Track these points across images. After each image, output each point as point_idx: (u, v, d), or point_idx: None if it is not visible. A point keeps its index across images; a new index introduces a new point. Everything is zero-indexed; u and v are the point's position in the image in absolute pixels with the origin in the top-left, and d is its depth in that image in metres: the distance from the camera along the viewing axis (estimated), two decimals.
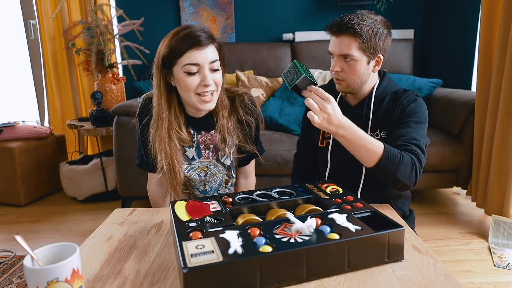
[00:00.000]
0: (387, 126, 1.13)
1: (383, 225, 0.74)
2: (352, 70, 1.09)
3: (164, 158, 1.10)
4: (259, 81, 2.67)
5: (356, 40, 1.06)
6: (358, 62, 1.08)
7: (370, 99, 1.16)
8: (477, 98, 2.06)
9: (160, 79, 1.07)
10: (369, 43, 1.06)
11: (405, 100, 1.12)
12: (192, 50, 1.01)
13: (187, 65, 1.01)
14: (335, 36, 1.09)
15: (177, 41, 1.01)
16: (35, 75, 3.07)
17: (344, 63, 1.09)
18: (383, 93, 1.15)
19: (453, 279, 0.67)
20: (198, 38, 1.01)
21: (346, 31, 1.06)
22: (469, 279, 1.55)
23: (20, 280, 1.63)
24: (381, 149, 0.95)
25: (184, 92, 1.06)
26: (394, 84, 1.18)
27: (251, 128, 1.21)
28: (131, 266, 0.74)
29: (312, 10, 3.02)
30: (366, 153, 0.95)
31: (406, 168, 0.96)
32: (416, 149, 1.01)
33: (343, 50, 1.07)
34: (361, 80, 1.12)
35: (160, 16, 3.00)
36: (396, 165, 0.95)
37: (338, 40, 1.08)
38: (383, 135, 1.14)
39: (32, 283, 0.56)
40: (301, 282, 0.66)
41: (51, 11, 2.80)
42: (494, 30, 2.00)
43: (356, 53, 1.07)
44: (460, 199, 2.46)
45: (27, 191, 2.53)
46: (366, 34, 1.05)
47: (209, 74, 1.04)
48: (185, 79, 1.03)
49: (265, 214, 0.85)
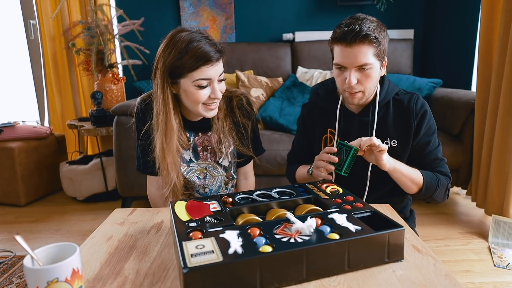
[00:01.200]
0: (400, 136, 1.13)
1: (383, 225, 0.74)
2: (370, 78, 1.05)
3: (169, 166, 1.09)
4: (259, 81, 2.67)
5: (373, 47, 1.02)
6: (373, 69, 1.04)
7: (374, 106, 1.13)
8: (477, 98, 2.06)
9: (167, 90, 1.04)
10: (381, 47, 1.04)
11: (417, 108, 1.11)
12: (205, 66, 1.00)
13: (199, 80, 1.01)
14: (348, 47, 1.01)
15: (188, 57, 0.99)
16: (35, 75, 3.07)
17: (360, 73, 1.04)
18: (386, 98, 1.14)
19: (453, 279, 0.67)
20: (210, 54, 1.00)
21: (364, 39, 1.00)
22: (469, 279, 1.55)
23: (20, 280, 1.63)
24: (421, 181, 1.08)
25: (191, 103, 1.06)
26: (393, 85, 1.17)
27: (247, 131, 1.20)
28: (131, 266, 0.74)
29: (312, 10, 3.02)
30: (411, 184, 1.08)
31: (442, 191, 1.11)
32: (447, 169, 1.15)
33: (361, 60, 1.01)
34: (375, 87, 1.10)
35: (160, 16, 3.00)
36: (433, 191, 1.09)
37: (353, 51, 1.01)
38: (393, 144, 1.13)
39: (32, 283, 0.56)
40: (301, 282, 0.66)
41: (51, 11, 2.80)
42: (494, 30, 2.00)
43: (372, 60, 1.03)
44: (460, 199, 2.46)
45: (27, 191, 2.53)
46: (379, 39, 1.02)
47: (218, 87, 1.04)
48: (195, 92, 1.02)
49: (265, 214, 0.85)
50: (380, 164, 1.01)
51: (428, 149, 1.13)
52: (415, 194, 1.11)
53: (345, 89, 1.08)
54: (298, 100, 2.53)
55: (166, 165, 1.09)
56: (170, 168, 1.09)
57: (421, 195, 1.10)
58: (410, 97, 1.13)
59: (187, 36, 1.01)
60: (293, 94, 2.58)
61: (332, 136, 1.19)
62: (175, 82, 1.05)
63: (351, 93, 1.08)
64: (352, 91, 1.07)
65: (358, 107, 1.16)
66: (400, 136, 1.13)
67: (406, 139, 1.13)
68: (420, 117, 1.11)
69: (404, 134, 1.13)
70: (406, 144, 1.13)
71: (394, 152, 1.10)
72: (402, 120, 1.13)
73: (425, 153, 1.13)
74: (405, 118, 1.12)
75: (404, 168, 1.06)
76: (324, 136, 1.21)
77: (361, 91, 1.07)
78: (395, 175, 1.06)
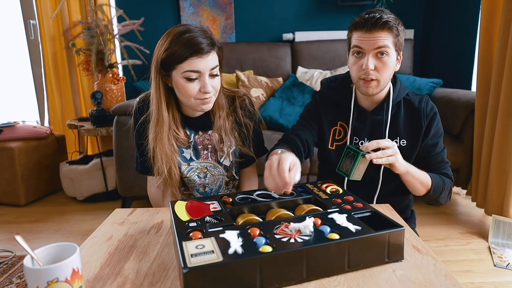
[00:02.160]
0: (409, 136, 1.14)
1: (383, 225, 0.74)
2: (386, 66, 1.05)
3: (165, 162, 1.09)
4: (259, 81, 2.67)
5: (392, 35, 1.03)
6: (391, 58, 1.05)
7: (388, 104, 1.13)
8: (477, 98, 2.06)
9: (159, 82, 1.05)
10: (399, 39, 1.06)
11: (427, 109, 1.13)
12: (193, 57, 0.99)
13: (188, 71, 1.00)
14: (368, 32, 1.02)
15: (178, 46, 0.98)
16: (35, 75, 3.07)
17: (377, 60, 1.04)
18: (398, 97, 1.15)
19: (453, 279, 0.67)
20: (200, 45, 0.98)
21: (383, 26, 1.01)
22: (469, 279, 1.55)
23: (20, 280, 1.63)
24: (429, 182, 1.08)
25: (183, 96, 1.05)
26: (404, 86, 1.18)
27: (249, 130, 1.20)
28: (131, 266, 0.74)
29: (312, 10, 3.02)
30: (420, 186, 1.08)
31: (446, 193, 1.13)
32: (450, 171, 1.16)
33: (381, 44, 1.02)
34: (389, 78, 1.09)
35: (160, 16, 3.00)
36: (439, 193, 1.11)
37: (373, 36, 1.02)
38: (402, 143, 1.14)
39: (32, 283, 0.56)
40: (301, 282, 0.66)
41: (51, 11, 2.80)
42: (494, 30, 2.00)
43: (391, 47, 1.04)
44: (460, 199, 2.46)
45: (27, 191, 2.53)
46: (398, 29, 1.04)
47: (209, 81, 1.03)
48: (185, 85, 1.02)
49: (265, 214, 0.85)
50: (395, 167, 1.01)
51: (435, 151, 1.14)
52: (421, 196, 1.12)
53: (361, 76, 1.06)
54: (298, 100, 2.53)
55: (157, 155, 1.09)
56: (161, 158, 1.09)
57: (427, 197, 1.11)
58: (421, 98, 1.15)
59: (183, 28, 1.01)
60: (293, 94, 2.58)
61: (342, 129, 1.19)
62: (168, 74, 1.05)
63: (366, 81, 1.06)
64: (368, 77, 1.05)
65: (372, 104, 1.16)
66: (409, 136, 1.14)
67: (415, 139, 1.14)
68: (430, 119, 1.13)
69: (414, 134, 1.13)
70: (415, 144, 1.14)
71: (403, 152, 1.09)
72: (413, 120, 1.14)
73: (432, 155, 1.14)
74: (415, 118, 1.13)
75: (415, 170, 1.06)
76: (333, 128, 1.20)
77: (377, 79, 1.05)
78: (407, 177, 1.06)
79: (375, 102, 1.15)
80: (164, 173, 1.10)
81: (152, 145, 1.10)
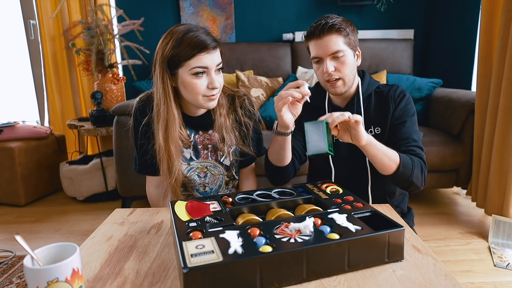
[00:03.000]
0: (381, 122, 1.18)
1: (383, 225, 0.74)
2: (345, 64, 1.12)
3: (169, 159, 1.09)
4: (259, 81, 2.67)
5: (341, 36, 1.10)
6: (348, 56, 1.12)
7: (358, 97, 1.20)
8: (477, 98, 2.06)
9: (167, 80, 1.05)
10: (351, 37, 1.13)
11: (395, 94, 1.18)
12: (202, 53, 1.01)
13: (196, 67, 1.01)
14: (319, 39, 1.11)
15: (185, 43, 1.00)
16: (35, 75, 3.07)
17: (335, 61, 1.12)
18: (368, 90, 1.21)
19: (453, 279, 0.67)
20: (207, 42, 1.01)
21: (330, 30, 1.09)
22: (469, 279, 1.55)
23: (20, 280, 1.63)
24: (397, 158, 1.04)
25: (190, 94, 1.06)
26: (374, 80, 1.24)
27: (248, 130, 1.21)
28: (131, 266, 0.74)
29: (312, 10, 3.02)
30: (388, 161, 1.04)
31: (418, 170, 1.07)
32: (420, 152, 1.11)
33: (333, 48, 1.10)
34: (353, 74, 1.16)
35: (160, 16, 3.00)
36: (411, 171, 1.05)
37: (324, 42, 1.10)
38: (377, 131, 1.18)
39: (32, 283, 0.56)
40: (301, 282, 0.66)
41: (51, 11, 2.80)
42: (494, 30, 2.00)
43: (344, 47, 1.11)
44: (460, 199, 2.46)
45: (27, 191, 2.53)
46: (347, 29, 1.11)
47: (216, 77, 1.04)
48: (193, 81, 1.03)
49: (265, 214, 0.85)
50: (358, 137, 0.98)
51: (403, 129, 1.15)
52: (393, 174, 1.06)
53: (325, 79, 1.14)
54: None
55: (168, 153, 1.08)
56: (175, 155, 1.09)
57: (399, 176, 1.05)
58: (390, 87, 1.21)
59: (184, 28, 1.04)
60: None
61: None
62: (173, 73, 1.05)
63: (332, 83, 1.14)
64: (331, 79, 1.13)
65: (344, 100, 1.22)
66: (381, 122, 1.18)
67: (385, 122, 1.17)
68: (398, 101, 1.17)
69: (384, 118, 1.18)
70: (386, 127, 1.17)
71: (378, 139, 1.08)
72: (382, 106, 1.19)
73: (399, 132, 1.15)
74: (385, 104, 1.18)
75: (379, 143, 1.03)
76: None
77: (340, 78, 1.13)
78: (371, 150, 1.02)
79: (346, 98, 1.22)
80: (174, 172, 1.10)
81: (162, 145, 1.08)
